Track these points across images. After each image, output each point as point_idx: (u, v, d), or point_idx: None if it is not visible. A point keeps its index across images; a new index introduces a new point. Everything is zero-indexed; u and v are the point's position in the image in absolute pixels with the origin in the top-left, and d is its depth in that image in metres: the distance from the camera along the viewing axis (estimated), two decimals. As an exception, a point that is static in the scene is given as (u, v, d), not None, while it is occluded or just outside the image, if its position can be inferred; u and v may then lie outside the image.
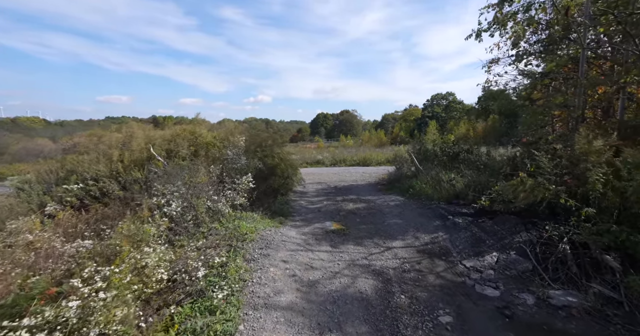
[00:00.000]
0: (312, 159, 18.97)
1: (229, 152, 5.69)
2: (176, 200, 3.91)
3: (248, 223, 4.44)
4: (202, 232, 3.67)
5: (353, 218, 5.99)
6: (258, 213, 5.34)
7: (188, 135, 7.71)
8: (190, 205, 3.84)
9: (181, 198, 4.03)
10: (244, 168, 5.44)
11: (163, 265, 2.55)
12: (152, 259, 2.52)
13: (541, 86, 5.43)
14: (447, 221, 5.14)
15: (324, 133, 71.92)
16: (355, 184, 10.56)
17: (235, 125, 9.00)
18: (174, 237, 3.44)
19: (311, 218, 5.99)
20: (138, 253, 2.55)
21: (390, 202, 7.05)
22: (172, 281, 2.67)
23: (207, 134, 8.04)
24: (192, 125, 8.33)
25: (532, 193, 4.28)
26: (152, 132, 7.94)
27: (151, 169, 5.85)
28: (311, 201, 7.72)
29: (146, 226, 3.14)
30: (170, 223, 3.64)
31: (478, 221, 4.77)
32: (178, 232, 3.52)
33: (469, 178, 5.91)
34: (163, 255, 2.72)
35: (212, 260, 2.93)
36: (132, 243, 2.78)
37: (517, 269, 3.80)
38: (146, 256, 2.52)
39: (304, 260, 3.82)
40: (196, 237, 3.52)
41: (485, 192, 5.02)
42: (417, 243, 4.69)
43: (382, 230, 5.27)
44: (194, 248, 3.12)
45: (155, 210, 3.80)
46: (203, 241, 3.52)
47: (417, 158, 9.35)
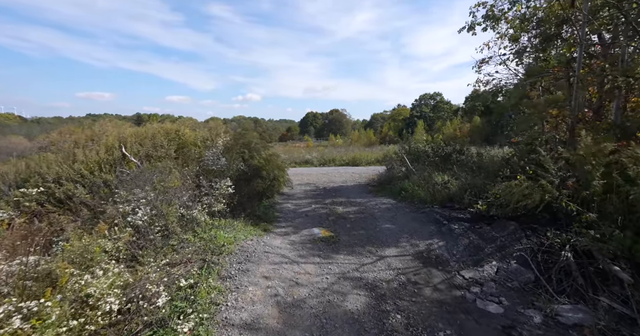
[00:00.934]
0: (300, 159, 18.53)
1: (207, 153, 5.20)
2: (143, 208, 3.42)
3: (226, 233, 3.99)
4: (171, 244, 3.21)
5: (343, 223, 5.62)
6: (240, 219, 4.89)
7: (169, 134, 7.15)
8: (160, 213, 3.36)
9: (149, 205, 3.54)
10: (223, 171, 4.96)
11: (114, 293, 2.09)
12: (101, 285, 2.06)
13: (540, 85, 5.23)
14: (442, 227, 4.85)
15: (313, 133, 71.51)
16: (344, 185, 10.22)
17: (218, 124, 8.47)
18: (138, 252, 2.96)
19: (298, 224, 5.58)
20: (84, 277, 2.08)
21: (381, 205, 6.73)
22: (127, 311, 2.21)
23: (190, 133, 7.50)
24: (173, 123, 7.75)
25: (529, 196, 4.05)
26: (126, 130, 7.31)
27: (123, 171, 5.30)
28: (299, 204, 7.31)
29: (101, 241, 2.66)
30: (134, 235, 3.15)
31: (475, 227, 4.50)
32: (143, 246, 3.04)
33: (463, 181, 5.65)
34: (117, 277, 2.25)
35: (179, 282, 2.49)
36: (78, 264, 2.30)
37: (518, 280, 3.53)
38: (93, 282, 2.05)
39: (289, 275, 3.42)
40: (164, 251, 3.06)
41: (481, 196, 4.77)
42: (411, 251, 4.38)
43: (374, 236, 4.93)
44: (160, 265, 2.66)
45: (118, 219, 3.30)
46: (172, 256, 3.05)
47: (407, 158, 9.09)
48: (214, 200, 4.28)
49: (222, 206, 4.29)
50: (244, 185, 5.86)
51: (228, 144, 7.11)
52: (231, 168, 5.11)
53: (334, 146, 29.24)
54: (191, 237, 3.51)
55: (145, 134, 6.78)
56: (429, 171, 6.83)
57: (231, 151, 6.90)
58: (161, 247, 3.10)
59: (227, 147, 7.03)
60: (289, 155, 19.54)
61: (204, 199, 4.21)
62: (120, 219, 3.23)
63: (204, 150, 6.50)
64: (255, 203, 6.11)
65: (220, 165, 4.97)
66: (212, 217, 4.32)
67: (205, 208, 4.14)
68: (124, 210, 3.42)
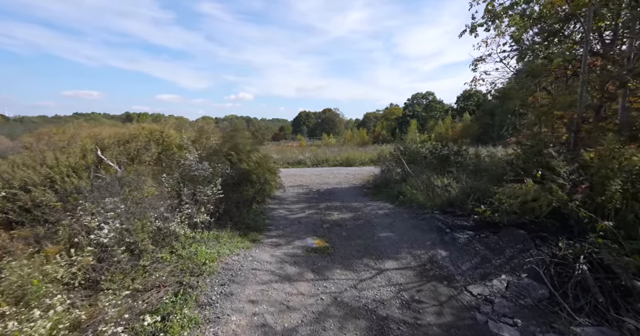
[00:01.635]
0: (293, 159, 18.11)
1: (189, 156, 4.75)
2: (112, 222, 2.97)
3: (209, 248, 3.56)
4: (142, 265, 2.77)
5: (338, 231, 5.25)
6: (226, 230, 4.46)
7: (152, 135, 6.64)
8: (130, 228, 2.91)
9: (119, 218, 3.09)
10: (207, 177, 4.52)
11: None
12: (37, 331, 1.63)
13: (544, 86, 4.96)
14: (445, 235, 4.52)
15: (306, 132, 71.09)
16: (339, 187, 9.86)
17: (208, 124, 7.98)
18: (100, 277, 2.52)
19: (290, 233, 5.19)
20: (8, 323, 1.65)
21: (378, 210, 6.39)
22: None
23: (175, 135, 7.01)
24: (158, 123, 7.23)
25: (536, 200, 3.76)
26: (103, 130, 6.77)
27: (99, 176, 4.81)
28: (291, 209, 6.91)
29: (50, 266, 2.21)
30: (98, 256, 2.71)
31: (480, 236, 4.18)
32: (107, 269, 2.60)
33: (464, 184, 5.35)
34: (63, 317, 1.82)
35: (144, 319, 2.06)
36: (15, 300, 1.86)
37: (532, 297, 3.22)
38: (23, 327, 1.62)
39: (279, 297, 3.02)
40: (132, 274, 2.62)
41: (485, 201, 4.46)
42: (413, 264, 4.03)
43: (373, 246, 4.57)
44: (123, 295, 2.23)
45: (80, 237, 2.85)
46: (142, 279, 2.62)
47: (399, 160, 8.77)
48: (196, 210, 3.85)
49: (204, 217, 3.86)
50: (231, 191, 5.43)
51: (216, 146, 6.67)
52: (216, 174, 4.67)
53: (327, 145, 28.90)
54: (167, 255, 3.08)
55: (126, 135, 6.27)
56: (427, 174, 6.52)
57: (218, 154, 6.47)
58: (130, 270, 2.67)
59: (215, 149, 6.59)
60: (281, 155, 19.09)
61: (184, 209, 3.77)
62: (83, 236, 2.78)
63: (184, 153, 6.05)
64: (244, 210, 5.68)
65: (203, 170, 4.53)
66: (194, 229, 3.89)
67: (186, 219, 3.70)
68: (88, 225, 2.96)
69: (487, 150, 9.47)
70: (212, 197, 4.13)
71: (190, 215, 3.78)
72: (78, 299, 2.11)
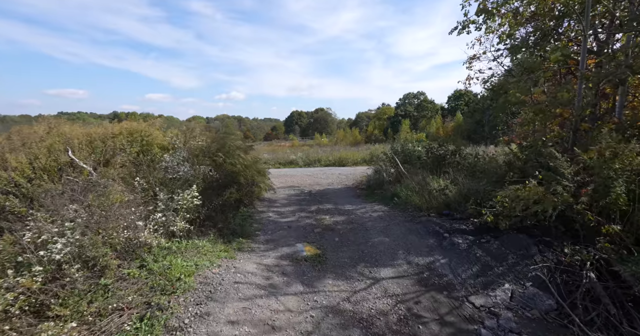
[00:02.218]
0: (285, 159, 17.75)
1: (166, 157, 4.37)
2: (70, 234, 2.58)
3: (186, 260, 3.20)
4: (103, 285, 2.41)
5: (331, 236, 4.95)
6: (208, 237, 4.10)
7: (133, 135, 6.20)
8: (90, 241, 2.54)
9: (80, 228, 2.71)
10: (188, 179, 4.15)
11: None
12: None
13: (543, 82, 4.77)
14: (443, 240, 4.27)
15: (298, 132, 70.71)
16: (331, 188, 9.57)
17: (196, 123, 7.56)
18: (50, 300, 2.15)
19: (279, 238, 4.86)
20: None
21: (372, 212, 6.11)
22: None
23: (158, 134, 6.58)
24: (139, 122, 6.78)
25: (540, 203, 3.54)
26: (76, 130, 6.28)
27: (70, 179, 4.39)
28: (281, 212, 6.57)
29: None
30: (49, 276, 2.33)
31: (481, 241, 3.94)
32: (58, 291, 2.23)
33: (462, 186, 5.12)
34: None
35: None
36: None
37: (538, 308, 2.98)
38: None
39: (264, 315, 2.70)
40: (88, 297, 2.25)
41: (485, 204, 4.22)
42: (410, 271, 3.76)
43: (367, 252, 4.29)
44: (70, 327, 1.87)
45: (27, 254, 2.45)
46: (102, 302, 2.26)
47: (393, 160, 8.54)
48: (172, 217, 3.48)
49: (182, 224, 3.49)
50: (216, 194, 5.07)
51: (202, 147, 6.28)
52: (197, 176, 4.30)
53: (319, 145, 28.66)
54: (135, 271, 2.71)
55: (102, 135, 5.81)
56: (422, 174, 6.29)
57: (205, 155, 6.09)
58: (88, 291, 2.30)
59: (202, 150, 6.20)
60: (273, 155, 18.74)
61: (158, 216, 3.40)
62: (32, 253, 2.39)
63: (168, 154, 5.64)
64: (230, 215, 5.32)
65: (183, 172, 4.15)
66: (171, 238, 3.52)
67: (160, 228, 3.33)
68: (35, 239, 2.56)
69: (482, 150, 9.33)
70: (191, 201, 3.76)
71: (166, 222, 3.41)
72: (15, 331, 1.75)
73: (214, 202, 4.66)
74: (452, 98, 49.70)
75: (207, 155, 6.06)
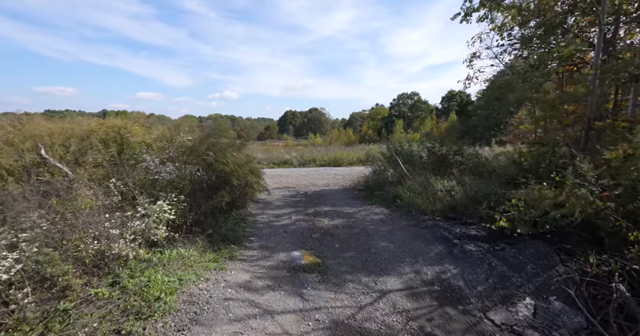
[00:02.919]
0: (279, 159, 17.31)
1: (146, 157, 3.94)
2: (26, 247, 2.14)
3: (168, 275, 2.77)
4: (62, 310, 1.99)
5: (330, 242, 4.58)
6: (196, 245, 3.68)
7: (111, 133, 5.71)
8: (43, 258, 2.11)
9: (40, 240, 2.27)
10: (174, 181, 3.73)
11: None
12: None
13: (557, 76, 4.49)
14: (453, 247, 3.95)
15: (292, 131, 70.23)
16: (328, 189, 9.21)
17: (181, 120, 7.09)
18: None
19: (275, 245, 4.47)
20: None
21: (373, 215, 5.77)
22: None
23: (141, 132, 6.10)
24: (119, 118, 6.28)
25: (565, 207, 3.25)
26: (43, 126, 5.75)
27: (41, 179, 3.91)
28: (276, 215, 6.18)
29: None
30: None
31: (495, 248, 3.63)
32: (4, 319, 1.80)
33: (469, 188, 4.81)
34: None
35: None
36: None
37: (567, 327, 2.67)
38: None
39: (258, 340, 2.31)
40: (39, 328, 1.82)
41: (497, 207, 3.91)
42: (418, 282, 3.43)
43: (370, 260, 3.94)
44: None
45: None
46: (55, 334, 1.83)
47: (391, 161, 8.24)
48: (153, 224, 3.06)
49: (162, 233, 3.07)
50: (204, 197, 4.64)
51: (191, 145, 5.83)
52: (184, 177, 3.88)
53: (313, 145, 28.30)
54: (104, 290, 2.29)
55: (77, 132, 5.31)
56: (425, 175, 5.98)
57: (194, 154, 5.65)
58: (41, 319, 1.87)
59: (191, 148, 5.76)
60: (267, 155, 18.28)
61: (137, 224, 2.97)
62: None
63: (159, 153, 5.18)
64: (221, 219, 4.90)
65: (167, 173, 3.73)
66: (153, 248, 3.10)
67: (139, 237, 2.91)
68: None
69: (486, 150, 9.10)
70: (176, 205, 3.34)
71: (146, 230, 2.99)
72: None
73: (203, 206, 4.24)
74: (446, 99, 50.01)
75: (196, 154, 5.63)
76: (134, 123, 6.47)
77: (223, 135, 6.18)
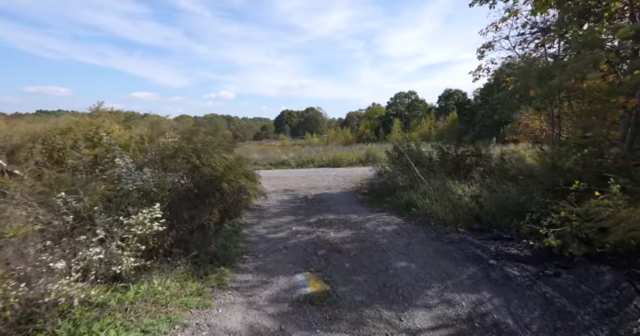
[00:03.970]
0: (276, 160, 16.56)
1: (118, 161, 3.20)
2: None
3: (127, 327, 2.02)
4: None
5: (339, 260, 3.88)
6: (175, 272, 2.95)
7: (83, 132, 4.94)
8: None
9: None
10: (150, 192, 2.99)
11: None
12: None
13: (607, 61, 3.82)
14: (490, 269, 3.27)
15: (288, 131, 69.43)
16: (329, 193, 8.51)
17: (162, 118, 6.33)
18: None
19: (273, 267, 3.75)
20: None
21: (384, 225, 5.08)
22: None
23: (120, 131, 5.34)
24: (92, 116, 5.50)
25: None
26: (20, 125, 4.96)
27: None
28: (274, 226, 5.46)
29: None
30: None
31: (546, 273, 2.96)
32: None
33: (498, 194, 4.14)
34: None
35: None
36: None
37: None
38: None
39: None
40: None
41: (543, 220, 3.24)
42: (453, 317, 2.74)
43: (390, 285, 3.24)
44: None
45: None
46: None
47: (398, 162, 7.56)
48: (117, 251, 2.33)
49: (130, 262, 2.34)
50: (191, 207, 3.91)
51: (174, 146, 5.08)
52: (163, 187, 3.15)
53: (310, 145, 27.63)
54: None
55: (39, 133, 4.53)
56: (441, 179, 5.31)
57: (178, 156, 4.91)
58: None
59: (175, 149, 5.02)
60: (264, 155, 17.53)
61: (93, 252, 2.24)
62: None
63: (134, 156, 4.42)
64: (209, 233, 4.17)
65: (143, 181, 2.99)
66: (115, 283, 2.37)
67: (92, 274, 2.18)
68: None
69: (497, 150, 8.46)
70: (150, 225, 2.61)
71: (108, 260, 2.26)
72: None
73: (186, 219, 3.51)
74: (443, 98, 49.68)
75: (182, 156, 4.89)
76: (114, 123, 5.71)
77: (210, 133, 5.44)
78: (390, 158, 8.16)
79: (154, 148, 4.51)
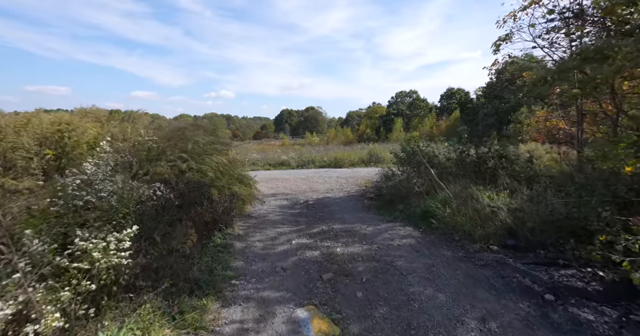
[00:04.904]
0: (275, 160, 15.87)
1: (87, 166, 2.50)
2: None
3: None
4: None
5: (349, 287, 3.17)
6: (137, 314, 2.25)
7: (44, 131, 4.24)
8: None
9: None
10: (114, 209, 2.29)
11: None
12: None
13: None
14: (548, 308, 2.56)
15: (288, 130, 68.75)
16: (332, 197, 7.82)
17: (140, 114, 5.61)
18: None
19: (268, 296, 3.04)
20: None
21: (399, 239, 4.36)
22: None
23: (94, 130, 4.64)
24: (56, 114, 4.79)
25: None
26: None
27: None
28: (271, 238, 4.75)
29: None
30: None
31: (630, 319, 2.24)
32: None
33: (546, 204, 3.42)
34: None
35: None
36: None
37: None
38: None
39: None
40: None
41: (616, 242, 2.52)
42: (508, 378, 2.03)
43: (416, 326, 2.53)
44: None
45: None
46: None
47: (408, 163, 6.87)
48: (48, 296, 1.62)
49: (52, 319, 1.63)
50: (165, 225, 3.20)
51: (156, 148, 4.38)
52: (128, 201, 2.43)
53: (311, 144, 26.97)
54: None
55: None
56: (464, 184, 4.60)
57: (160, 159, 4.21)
58: None
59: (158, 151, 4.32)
60: (263, 155, 16.84)
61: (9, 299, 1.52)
62: None
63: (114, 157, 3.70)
64: (192, 254, 3.46)
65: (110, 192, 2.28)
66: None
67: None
68: None
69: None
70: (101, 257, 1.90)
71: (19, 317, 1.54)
72: None
73: (159, 247, 2.79)
74: (445, 97, 49.04)
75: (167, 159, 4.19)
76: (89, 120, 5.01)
77: (199, 133, 4.74)
78: (398, 159, 7.45)
79: (126, 148, 3.80)
